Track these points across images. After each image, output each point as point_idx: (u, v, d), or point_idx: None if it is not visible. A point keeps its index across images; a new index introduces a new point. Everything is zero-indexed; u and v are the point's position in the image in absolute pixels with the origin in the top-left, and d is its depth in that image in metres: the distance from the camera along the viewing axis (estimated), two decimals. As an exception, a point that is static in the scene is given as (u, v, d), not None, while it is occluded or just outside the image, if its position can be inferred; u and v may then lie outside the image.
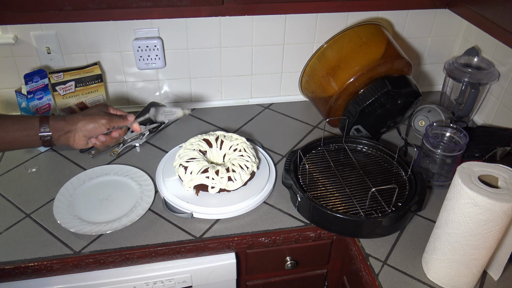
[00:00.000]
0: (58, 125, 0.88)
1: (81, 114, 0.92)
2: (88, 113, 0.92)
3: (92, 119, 0.91)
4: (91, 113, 0.92)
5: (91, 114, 0.92)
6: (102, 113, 0.93)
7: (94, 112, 0.93)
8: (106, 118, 0.92)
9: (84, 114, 0.92)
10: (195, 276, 1.03)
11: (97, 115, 0.92)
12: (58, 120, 0.88)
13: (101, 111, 0.94)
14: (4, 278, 0.94)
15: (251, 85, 1.49)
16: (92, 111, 0.93)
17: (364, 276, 0.94)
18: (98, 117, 0.92)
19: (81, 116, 0.91)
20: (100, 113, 0.93)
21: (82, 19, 1.11)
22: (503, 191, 0.76)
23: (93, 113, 0.92)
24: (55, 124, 0.88)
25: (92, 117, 0.91)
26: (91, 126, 0.90)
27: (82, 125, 0.90)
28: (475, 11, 1.11)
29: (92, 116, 0.91)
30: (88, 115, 0.91)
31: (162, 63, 1.36)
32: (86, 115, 0.92)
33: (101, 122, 0.91)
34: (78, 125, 0.90)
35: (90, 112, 0.93)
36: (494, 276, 0.91)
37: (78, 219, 1.02)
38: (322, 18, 1.38)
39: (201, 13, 1.12)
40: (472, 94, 1.27)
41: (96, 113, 0.92)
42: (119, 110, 0.98)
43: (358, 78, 1.18)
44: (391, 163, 1.16)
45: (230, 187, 1.06)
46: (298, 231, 1.03)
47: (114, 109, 0.97)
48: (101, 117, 0.92)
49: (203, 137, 1.17)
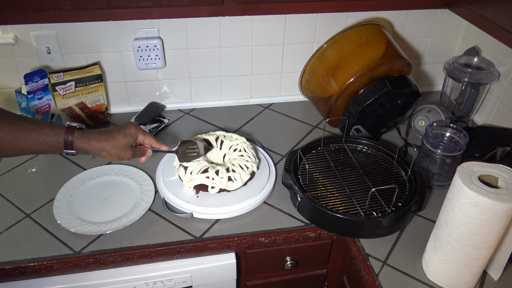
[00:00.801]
0: (82, 147, 0.86)
1: (106, 141, 0.88)
2: (115, 144, 0.89)
3: (118, 153, 0.90)
4: (117, 145, 0.89)
5: (118, 147, 0.89)
6: (128, 150, 0.91)
7: (120, 144, 0.90)
8: (131, 153, 0.92)
9: (109, 141, 0.88)
10: (195, 276, 1.03)
11: (122, 150, 0.90)
12: (82, 143, 0.86)
13: (128, 144, 0.91)
14: (4, 278, 0.94)
15: (251, 85, 1.49)
16: (118, 141, 0.89)
17: (364, 276, 0.94)
18: (123, 153, 0.91)
19: (107, 145, 0.88)
20: (126, 149, 0.91)
21: (82, 19, 1.11)
22: (503, 191, 0.76)
23: (119, 145, 0.89)
24: (79, 145, 0.85)
25: (118, 152, 0.90)
26: (114, 158, 0.90)
27: (106, 156, 0.89)
28: (475, 11, 1.11)
29: (117, 149, 0.89)
30: (114, 147, 0.89)
31: (162, 63, 1.36)
32: (112, 146, 0.89)
33: (126, 157, 0.92)
34: (102, 155, 0.89)
35: (116, 142, 0.89)
36: (494, 276, 0.91)
37: (78, 219, 1.02)
38: (322, 18, 1.38)
39: (201, 13, 1.12)
40: (472, 94, 1.27)
41: (122, 146, 0.90)
42: (147, 135, 0.96)
43: (358, 78, 1.18)
44: (391, 163, 1.16)
45: (230, 187, 1.06)
46: (298, 231, 1.03)
47: (143, 134, 0.95)
48: (125, 152, 0.91)
49: (203, 137, 1.17)
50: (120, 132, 0.91)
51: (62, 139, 0.84)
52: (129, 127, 0.93)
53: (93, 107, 1.33)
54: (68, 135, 0.84)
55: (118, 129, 0.91)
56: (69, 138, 0.84)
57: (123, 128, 0.92)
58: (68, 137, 0.84)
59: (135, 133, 0.93)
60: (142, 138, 0.95)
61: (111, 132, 0.90)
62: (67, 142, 0.84)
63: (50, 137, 0.83)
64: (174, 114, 1.45)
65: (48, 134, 0.83)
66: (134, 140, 0.93)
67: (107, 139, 0.88)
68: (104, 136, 0.88)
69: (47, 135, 0.83)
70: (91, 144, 0.87)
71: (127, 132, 0.91)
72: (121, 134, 0.90)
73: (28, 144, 0.81)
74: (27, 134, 0.81)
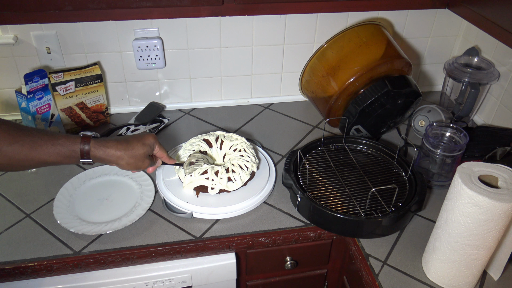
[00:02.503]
0: (99, 156, 0.85)
1: (125, 151, 0.87)
2: (133, 153, 0.88)
3: (135, 163, 0.89)
4: (135, 155, 0.88)
5: (136, 157, 0.89)
6: (146, 159, 0.91)
7: (139, 153, 0.89)
8: (148, 163, 0.93)
9: (128, 151, 0.87)
10: (195, 276, 1.03)
11: (140, 160, 0.90)
12: (99, 152, 0.84)
13: (146, 153, 0.91)
14: (4, 278, 0.94)
15: (251, 85, 1.49)
16: (137, 150, 0.89)
17: (364, 276, 0.94)
18: (141, 163, 0.90)
19: (125, 154, 0.87)
20: (144, 158, 0.91)
21: (82, 19, 1.11)
22: (503, 191, 0.76)
23: (138, 155, 0.89)
24: (96, 154, 0.84)
25: (135, 162, 0.89)
26: (132, 168, 0.90)
27: (124, 165, 0.88)
28: (475, 11, 1.11)
29: (135, 159, 0.89)
30: (132, 157, 0.88)
31: (162, 63, 1.36)
32: (131, 155, 0.88)
33: (144, 167, 0.92)
34: (120, 164, 0.88)
35: (135, 152, 0.88)
36: (494, 276, 0.91)
37: (78, 219, 1.02)
38: (322, 18, 1.38)
39: (201, 13, 1.12)
40: (472, 94, 1.27)
41: (140, 155, 0.89)
42: (162, 148, 0.96)
43: (358, 78, 1.18)
44: (391, 163, 1.16)
45: (230, 187, 1.06)
46: (298, 231, 1.03)
47: (159, 145, 0.95)
48: (143, 162, 0.91)
49: (203, 137, 1.17)
50: (139, 141, 0.90)
51: (79, 149, 0.82)
52: (147, 137, 0.92)
53: (93, 107, 1.33)
54: (85, 144, 0.82)
55: (137, 138, 0.90)
56: (85, 147, 0.82)
57: (142, 137, 0.91)
58: (84, 146, 0.82)
59: (154, 143, 0.93)
60: (157, 150, 0.96)
61: (129, 141, 0.89)
62: (83, 151, 0.82)
63: (65, 147, 0.81)
64: (174, 114, 1.45)
65: (64, 144, 0.81)
66: (152, 150, 0.93)
67: (125, 148, 0.87)
68: (122, 145, 0.87)
69: (63, 145, 0.81)
70: (108, 153, 0.85)
71: (145, 142, 0.91)
72: (140, 143, 0.90)
73: (44, 155, 0.79)
74: (42, 145, 0.79)
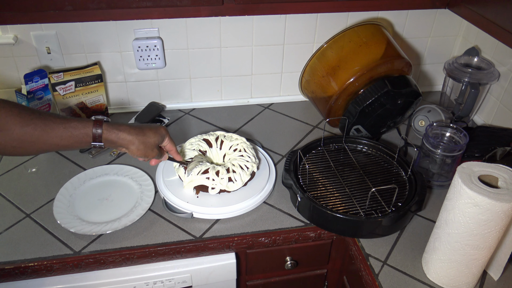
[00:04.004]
0: (111, 139, 0.86)
1: (136, 136, 0.88)
2: (144, 140, 0.90)
3: (145, 150, 0.90)
4: (146, 142, 0.90)
5: (146, 144, 0.90)
6: (155, 149, 0.93)
7: (149, 141, 0.91)
8: (157, 152, 0.94)
9: (140, 136, 0.89)
10: (195, 276, 1.03)
11: (150, 148, 0.91)
12: (111, 135, 0.86)
13: (156, 142, 0.93)
14: (4, 278, 0.94)
15: (251, 85, 1.49)
16: (149, 138, 0.90)
17: (364, 276, 0.94)
18: (150, 151, 0.92)
19: (137, 139, 0.88)
20: (154, 147, 0.92)
21: (82, 19, 1.11)
22: (503, 191, 0.76)
23: (148, 142, 0.90)
24: (108, 137, 0.85)
25: (145, 148, 0.90)
26: (140, 154, 0.91)
27: (133, 150, 0.89)
28: (475, 11, 1.11)
29: (145, 146, 0.90)
30: (143, 143, 0.90)
31: (162, 63, 1.36)
32: (142, 141, 0.89)
33: (151, 155, 0.93)
34: (130, 148, 0.89)
35: (146, 138, 0.90)
36: (494, 276, 0.91)
37: (78, 219, 1.02)
38: (322, 18, 1.38)
39: (201, 13, 1.12)
40: (472, 94, 1.27)
41: (151, 143, 0.91)
42: (171, 141, 0.98)
43: (358, 78, 1.18)
44: (391, 163, 1.16)
45: (230, 187, 1.06)
46: (298, 231, 1.03)
47: (169, 138, 0.97)
48: (152, 151, 0.92)
49: (203, 137, 1.17)
50: (151, 129, 0.92)
51: (91, 131, 0.83)
52: (159, 127, 0.94)
53: (93, 107, 1.33)
54: (97, 127, 0.84)
55: (150, 127, 0.92)
56: (98, 130, 0.84)
57: (154, 127, 0.93)
58: (97, 129, 0.84)
59: (165, 134, 0.95)
60: (167, 142, 0.97)
61: (142, 128, 0.91)
62: (96, 134, 0.84)
63: (78, 130, 0.82)
64: (174, 114, 1.45)
65: (76, 127, 0.82)
66: (162, 141, 0.95)
67: (138, 133, 0.89)
68: (135, 130, 0.89)
69: (75, 128, 0.82)
70: (121, 136, 0.87)
71: (157, 131, 0.93)
72: (152, 131, 0.92)
73: (56, 138, 0.80)
74: (54, 128, 0.80)
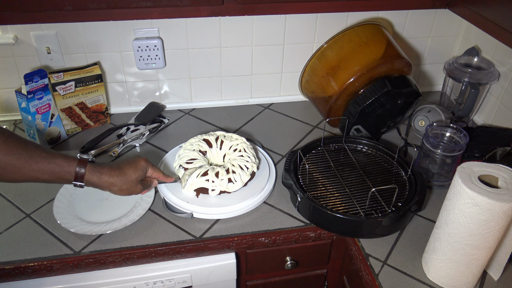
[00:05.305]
0: (93, 181, 0.86)
1: (117, 177, 0.88)
2: (126, 179, 0.89)
3: (128, 189, 0.90)
4: (128, 181, 0.89)
5: (128, 182, 0.90)
6: (138, 184, 0.92)
7: (131, 179, 0.90)
8: (141, 188, 0.93)
9: (121, 177, 0.88)
10: (195, 276, 1.03)
11: (133, 185, 0.91)
12: (93, 177, 0.85)
13: (138, 178, 0.92)
14: (4, 278, 0.94)
15: (251, 85, 1.49)
16: (129, 176, 0.90)
17: (364, 276, 0.94)
18: (134, 188, 0.91)
19: (118, 180, 0.88)
20: (137, 183, 0.92)
21: (82, 19, 1.11)
22: (503, 191, 0.76)
23: (130, 181, 0.90)
24: (90, 179, 0.85)
25: (128, 188, 0.90)
26: (125, 193, 0.91)
27: (117, 191, 0.89)
28: (475, 11, 1.11)
29: (128, 185, 0.90)
30: (125, 183, 0.89)
31: (162, 63, 1.36)
32: (124, 182, 0.89)
33: (136, 192, 0.93)
34: (113, 190, 0.89)
35: (127, 178, 0.89)
36: (494, 276, 0.91)
37: (78, 219, 1.02)
38: (322, 18, 1.38)
39: (201, 13, 1.12)
40: (472, 94, 1.27)
41: (133, 181, 0.90)
42: (156, 169, 0.97)
43: (358, 78, 1.18)
44: (391, 163, 1.16)
45: (230, 188, 1.06)
46: (298, 231, 1.03)
47: (152, 167, 0.96)
48: (136, 187, 0.92)
49: (203, 137, 1.17)
50: (131, 167, 0.91)
51: (74, 171, 0.83)
52: (139, 161, 0.93)
53: (93, 107, 1.33)
54: (81, 167, 0.84)
55: (129, 164, 0.91)
56: (81, 170, 0.84)
57: (134, 162, 0.92)
58: (80, 169, 0.83)
59: (146, 167, 0.94)
60: (151, 172, 0.97)
61: (122, 167, 0.90)
62: (78, 174, 0.83)
63: (61, 167, 0.82)
64: (174, 114, 1.45)
65: (60, 164, 0.82)
66: (144, 174, 0.94)
67: (118, 175, 0.88)
68: (115, 171, 0.88)
69: (59, 165, 0.82)
70: (102, 179, 0.87)
71: (137, 167, 0.92)
72: (132, 168, 0.91)
73: (38, 172, 0.80)
74: (38, 161, 0.80)
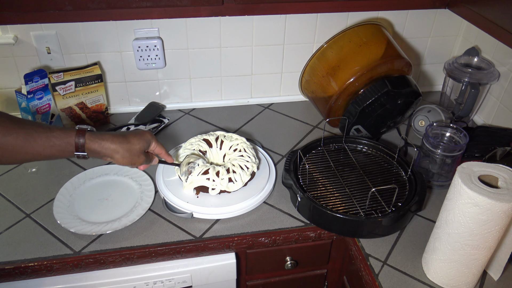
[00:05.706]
0: (94, 149, 0.84)
1: (120, 144, 0.86)
2: (129, 147, 0.88)
3: (131, 157, 0.89)
4: (131, 149, 0.88)
5: (132, 151, 0.88)
6: (141, 155, 0.91)
7: (135, 148, 0.89)
8: (143, 158, 0.92)
9: (124, 144, 0.87)
10: (195, 276, 1.03)
11: (136, 154, 0.90)
12: (94, 144, 0.84)
13: (142, 148, 0.91)
14: (4, 278, 0.94)
15: (251, 85, 1.49)
16: (133, 145, 0.89)
17: (364, 276, 0.94)
18: (136, 158, 0.90)
19: (121, 147, 0.87)
20: (140, 154, 0.91)
21: (82, 19, 1.11)
22: (503, 191, 0.76)
23: (133, 149, 0.89)
24: (91, 146, 0.84)
25: (131, 156, 0.89)
26: (127, 162, 0.89)
27: (119, 159, 0.88)
28: (475, 11, 1.11)
29: (130, 153, 0.88)
30: (128, 150, 0.88)
31: (162, 63, 1.36)
32: (126, 149, 0.87)
33: (139, 162, 0.91)
34: (115, 157, 0.87)
35: (131, 146, 0.88)
36: (494, 276, 0.91)
37: (78, 219, 1.02)
38: (322, 18, 1.38)
39: (201, 13, 1.12)
40: (472, 94, 1.27)
41: (136, 150, 0.89)
42: (159, 144, 0.97)
43: (358, 78, 1.18)
44: (391, 163, 1.16)
45: (231, 188, 1.06)
46: (298, 231, 1.03)
47: (156, 141, 0.96)
48: (139, 157, 0.91)
49: (203, 137, 1.17)
50: (135, 136, 0.90)
51: (73, 141, 0.81)
52: (144, 133, 0.93)
53: (93, 107, 1.33)
54: (80, 137, 0.82)
55: (133, 133, 0.91)
56: (80, 140, 0.82)
57: (138, 133, 0.92)
58: (79, 139, 0.82)
59: (150, 139, 0.94)
60: (154, 146, 0.96)
61: (126, 135, 0.89)
62: (78, 144, 0.82)
63: (60, 139, 0.80)
64: (174, 114, 1.45)
65: (59, 137, 0.80)
66: (148, 146, 0.93)
67: (121, 142, 0.87)
68: (118, 138, 0.87)
69: (58, 137, 0.80)
70: (104, 145, 0.85)
71: (142, 137, 0.91)
72: (136, 138, 0.90)
73: (38, 147, 0.78)
74: (37, 137, 0.78)
